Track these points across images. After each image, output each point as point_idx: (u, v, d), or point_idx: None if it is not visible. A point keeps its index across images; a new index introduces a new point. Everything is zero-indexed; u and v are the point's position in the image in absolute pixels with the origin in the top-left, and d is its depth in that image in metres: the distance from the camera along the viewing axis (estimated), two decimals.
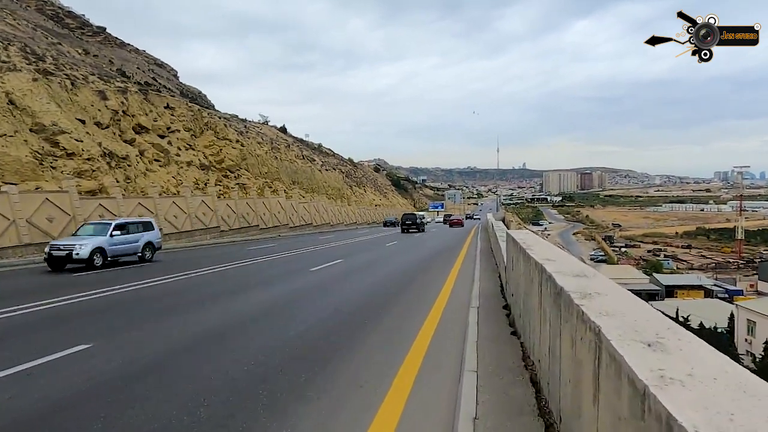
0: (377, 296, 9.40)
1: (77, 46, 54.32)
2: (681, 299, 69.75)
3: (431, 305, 8.30)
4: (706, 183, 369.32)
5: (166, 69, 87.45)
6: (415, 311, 7.87)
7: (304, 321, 7.29)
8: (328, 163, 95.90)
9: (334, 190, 76.35)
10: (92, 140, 27.13)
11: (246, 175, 47.55)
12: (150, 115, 36.23)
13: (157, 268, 14.32)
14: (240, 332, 6.61)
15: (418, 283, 10.80)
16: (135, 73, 64.67)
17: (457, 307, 8.04)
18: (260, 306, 8.58)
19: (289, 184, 60.78)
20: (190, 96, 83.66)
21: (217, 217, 29.58)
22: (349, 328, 6.76)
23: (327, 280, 11.74)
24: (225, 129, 49.14)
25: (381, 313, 7.80)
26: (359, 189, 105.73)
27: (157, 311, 8.10)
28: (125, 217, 21.96)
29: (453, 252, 18.96)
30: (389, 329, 6.77)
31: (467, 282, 10.48)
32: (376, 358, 5.43)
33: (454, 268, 12.93)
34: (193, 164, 37.32)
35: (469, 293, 8.89)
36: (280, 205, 38.97)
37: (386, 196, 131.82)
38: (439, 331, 6.49)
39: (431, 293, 9.48)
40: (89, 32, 67.84)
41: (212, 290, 10.32)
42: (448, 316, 7.39)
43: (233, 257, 17.77)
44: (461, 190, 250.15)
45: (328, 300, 9.16)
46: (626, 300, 2.67)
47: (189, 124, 40.95)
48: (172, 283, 11.31)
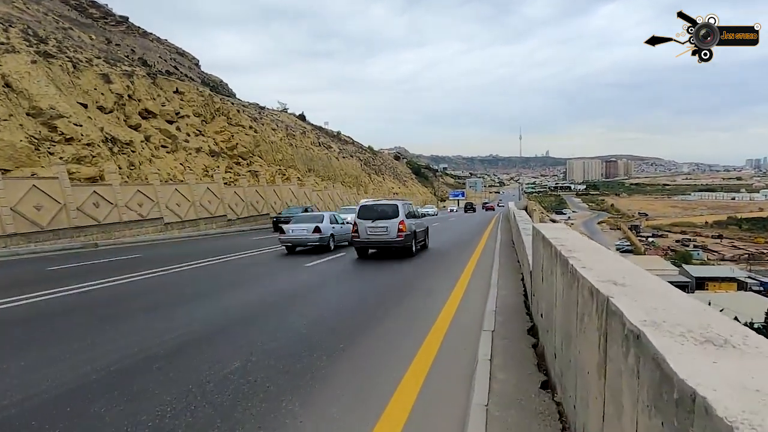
0: (364, 310, 7.76)
1: (100, 35, 54.27)
2: (712, 292, 66.52)
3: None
4: (737, 171, 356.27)
5: (187, 58, 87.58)
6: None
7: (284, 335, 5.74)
8: (345, 150, 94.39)
9: (351, 178, 74.86)
10: (94, 125, 26.04)
11: (259, 162, 46.31)
12: (158, 99, 35.09)
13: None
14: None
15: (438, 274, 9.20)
16: (156, 62, 64.85)
17: (464, 329, 5.93)
18: (214, 326, 7.07)
19: (304, 171, 59.48)
20: (211, 85, 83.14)
21: (224, 206, 28.35)
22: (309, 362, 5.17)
23: (315, 282, 10.26)
24: (238, 115, 47.89)
25: (370, 325, 6.20)
26: (378, 177, 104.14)
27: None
28: (122, 204, 20.84)
29: (467, 248, 17.22)
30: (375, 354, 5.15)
31: (481, 289, 8.81)
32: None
33: (465, 271, 11.14)
34: (202, 150, 36.15)
35: (483, 305, 7.12)
36: (292, 193, 37.65)
37: (405, 185, 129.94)
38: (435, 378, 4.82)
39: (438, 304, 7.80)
40: (112, 22, 68.48)
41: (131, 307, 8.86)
42: (454, 343, 5.35)
43: (221, 250, 16.43)
44: (482, 179, 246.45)
45: (287, 320, 7.59)
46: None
47: (199, 110, 39.76)
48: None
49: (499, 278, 9.02)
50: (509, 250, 13.87)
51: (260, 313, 7.12)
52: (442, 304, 7.47)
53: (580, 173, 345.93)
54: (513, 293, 7.63)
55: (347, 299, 8.32)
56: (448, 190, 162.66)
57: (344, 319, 6.68)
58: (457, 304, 7.40)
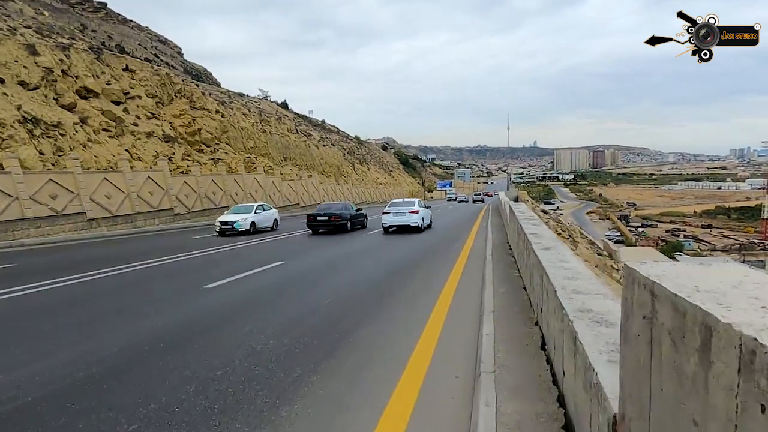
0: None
1: (75, 21, 50.45)
2: None
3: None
4: (722, 160, 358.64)
5: (169, 46, 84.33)
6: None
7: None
8: (328, 139, 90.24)
9: (332, 168, 70.88)
10: (9, 102, 21.98)
11: (226, 149, 42.28)
12: (102, 77, 30.89)
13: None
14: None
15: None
16: (135, 49, 61.20)
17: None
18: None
19: (279, 160, 55.42)
20: (194, 74, 78.88)
21: (170, 198, 24.46)
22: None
23: (228, 305, 6.72)
24: (203, 98, 43.71)
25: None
26: (362, 167, 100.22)
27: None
28: (27, 197, 16.94)
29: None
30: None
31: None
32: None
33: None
34: (154, 135, 32.05)
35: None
36: (258, 183, 33.79)
37: (391, 175, 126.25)
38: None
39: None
40: (90, 8, 65.75)
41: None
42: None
43: (145, 253, 12.71)
44: (471, 169, 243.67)
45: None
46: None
47: (154, 90, 35.55)
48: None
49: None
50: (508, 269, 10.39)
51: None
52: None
53: (568, 163, 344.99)
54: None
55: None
56: (436, 180, 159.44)
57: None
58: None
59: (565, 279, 3.46)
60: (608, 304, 2.87)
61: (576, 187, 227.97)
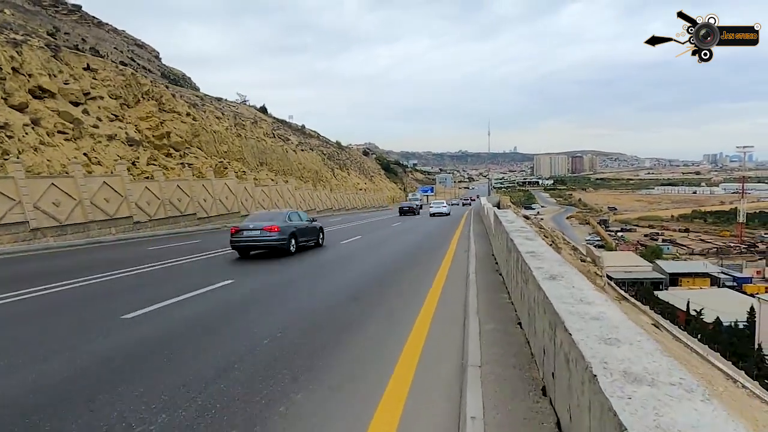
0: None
1: (47, 24, 48.41)
2: (686, 288, 64.20)
3: None
4: (696, 165, 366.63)
5: (146, 50, 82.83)
6: None
7: None
8: (307, 144, 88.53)
9: (310, 173, 69.11)
10: None
11: (197, 153, 40.39)
12: (59, 76, 28.90)
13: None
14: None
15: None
16: (110, 53, 59.27)
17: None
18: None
19: (255, 164, 53.58)
20: (172, 78, 76.67)
21: (129, 205, 22.64)
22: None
23: (143, 343, 5.21)
24: (173, 100, 41.79)
25: None
26: (342, 172, 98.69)
27: None
28: None
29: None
30: None
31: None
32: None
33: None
34: (117, 138, 30.09)
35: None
36: (228, 189, 32.01)
37: (372, 180, 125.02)
38: None
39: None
40: (63, 10, 64.56)
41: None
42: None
43: (72, 270, 11.05)
44: (452, 174, 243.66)
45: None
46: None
47: (118, 91, 33.58)
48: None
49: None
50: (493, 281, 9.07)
51: None
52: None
53: (547, 168, 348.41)
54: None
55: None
56: (418, 185, 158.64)
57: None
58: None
59: (599, 341, 2.11)
60: (700, 408, 1.53)
61: (556, 192, 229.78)
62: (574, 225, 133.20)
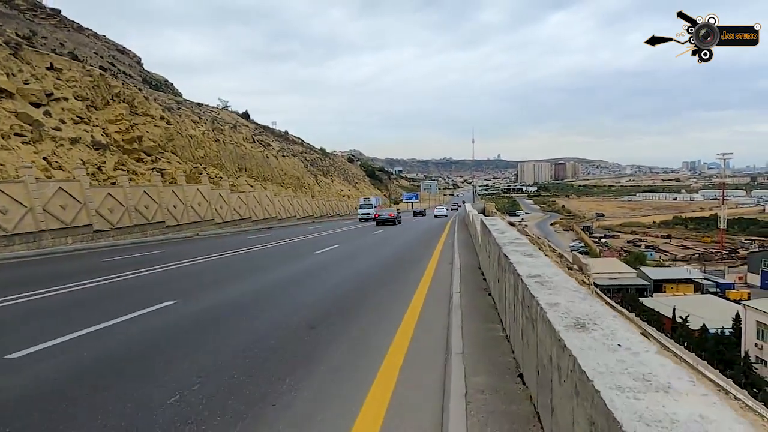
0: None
1: (24, 27, 46.54)
2: (670, 294, 63.97)
3: None
4: (675, 173, 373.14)
5: (128, 55, 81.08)
6: None
7: None
8: (289, 149, 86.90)
9: (291, 179, 67.49)
10: None
11: (171, 158, 38.68)
12: (18, 75, 27.13)
13: None
14: None
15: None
16: (90, 57, 57.40)
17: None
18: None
19: (234, 170, 51.88)
20: (154, 84, 74.63)
21: (88, 212, 20.97)
22: None
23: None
24: (146, 102, 40.03)
25: None
26: (325, 179, 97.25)
27: None
28: None
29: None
30: None
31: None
32: None
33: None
34: (81, 142, 28.34)
35: None
36: (201, 195, 30.41)
37: (356, 187, 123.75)
38: None
39: None
40: (42, 14, 62.69)
41: None
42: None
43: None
44: (437, 181, 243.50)
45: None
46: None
47: (84, 92, 31.82)
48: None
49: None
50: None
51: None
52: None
53: (531, 175, 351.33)
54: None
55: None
56: (403, 192, 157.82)
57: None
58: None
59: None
60: None
61: (539, 199, 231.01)
62: (558, 231, 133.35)
